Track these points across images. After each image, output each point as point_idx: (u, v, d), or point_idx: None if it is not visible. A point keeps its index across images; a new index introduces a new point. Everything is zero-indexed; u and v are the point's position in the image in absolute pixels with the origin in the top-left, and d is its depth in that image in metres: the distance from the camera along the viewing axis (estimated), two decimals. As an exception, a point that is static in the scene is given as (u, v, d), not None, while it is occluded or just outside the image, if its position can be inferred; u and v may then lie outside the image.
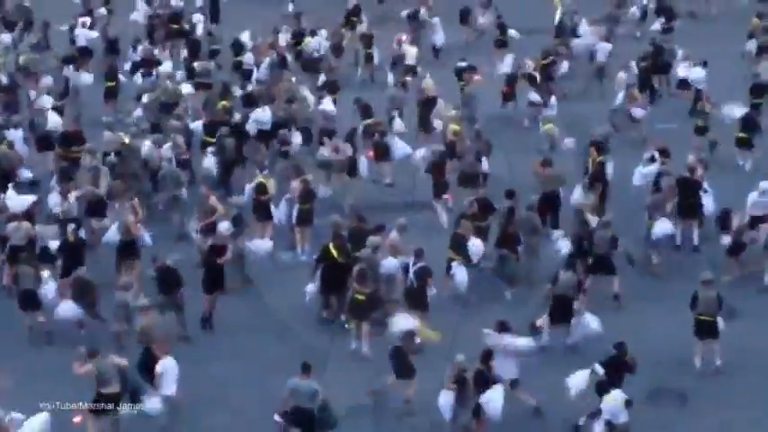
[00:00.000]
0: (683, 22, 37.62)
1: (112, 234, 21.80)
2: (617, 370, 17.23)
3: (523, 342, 17.86)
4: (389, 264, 20.37)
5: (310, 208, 23.18)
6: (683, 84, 31.13)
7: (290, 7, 38.36)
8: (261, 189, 23.39)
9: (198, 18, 37.21)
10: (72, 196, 22.81)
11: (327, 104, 28.45)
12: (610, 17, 36.93)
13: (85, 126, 27.34)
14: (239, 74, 32.54)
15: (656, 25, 36.54)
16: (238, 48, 33.64)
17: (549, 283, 20.21)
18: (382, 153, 26.37)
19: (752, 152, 27.09)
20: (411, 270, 20.05)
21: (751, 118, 27.38)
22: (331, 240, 20.77)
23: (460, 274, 21.11)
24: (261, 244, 22.13)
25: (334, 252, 20.54)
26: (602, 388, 17.02)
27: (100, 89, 30.59)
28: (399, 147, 26.39)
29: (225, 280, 20.63)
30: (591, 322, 19.42)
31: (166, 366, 17.24)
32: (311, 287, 20.69)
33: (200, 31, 36.33)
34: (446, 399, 17.05)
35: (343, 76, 32.48)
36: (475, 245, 21.45)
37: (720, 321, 19.07)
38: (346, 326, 20.18)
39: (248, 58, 33.17)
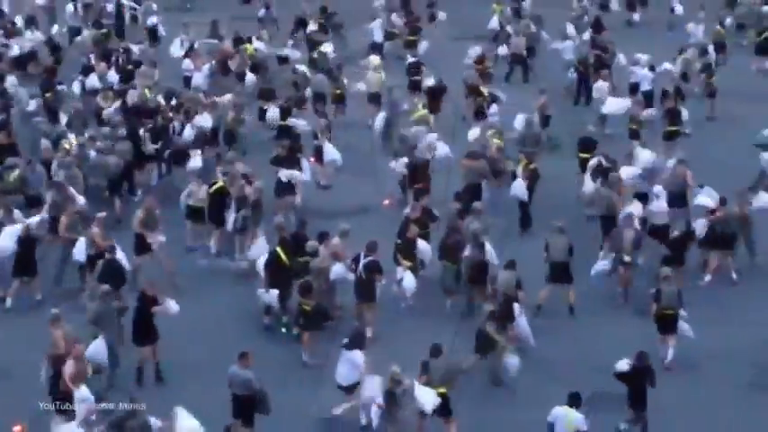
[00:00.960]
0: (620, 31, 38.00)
1: (80, 250, 21.35)
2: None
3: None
4: (336, 270, 20.48)
5: (255, 212, 23.07)
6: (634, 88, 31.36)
7: (261, 12, 38.27)
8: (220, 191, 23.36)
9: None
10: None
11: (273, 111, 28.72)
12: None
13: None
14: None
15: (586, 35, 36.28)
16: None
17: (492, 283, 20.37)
18: (318, 157, 26.64)
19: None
20: (361, 263, 20.21)
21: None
22: (278, 244, 20.77)
23: (408, 280, 21.11)
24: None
25: (282, 255, 20.55)
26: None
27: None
28: (329, 152, 26.47)
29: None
30: None
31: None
32: (262, 291, 20.64)
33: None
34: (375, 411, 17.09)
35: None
36: (424, 247, 21.54)
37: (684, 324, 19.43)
38: (293, 331, 20.18)
39: (186, 64, 33.00)
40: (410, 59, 33.32)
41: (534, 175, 24.69)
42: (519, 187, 24.24)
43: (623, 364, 17.25)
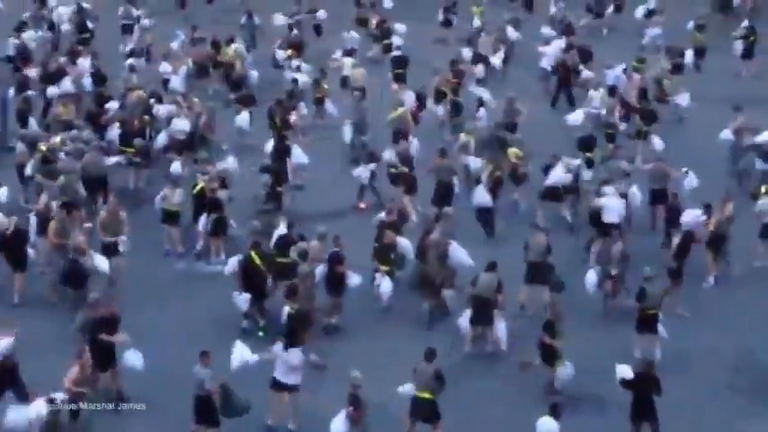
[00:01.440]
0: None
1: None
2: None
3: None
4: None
5: (222, 217, 23.05)
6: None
7: (243, 19, 37.97)
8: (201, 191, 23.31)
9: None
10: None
11: (243, 118, 28.72)
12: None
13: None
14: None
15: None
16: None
17: (469, 285, 20.17)
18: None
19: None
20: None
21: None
22: (251, 247, 20.69)
23: (385, 285, 21.06)
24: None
25: (256, 259, 20.44)
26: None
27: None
28: (297, 154, 26.32)
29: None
30: None
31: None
32: (237, 294, 20.50)
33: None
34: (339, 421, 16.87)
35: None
36: (405, 244, 21.55)
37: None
38: (260, 333, 20.16)
39: (164, 67, 32.95)
40: (395, 53, 33.51)
41: (499, 181, 24.72)
42: (481, 194, 24.06)
43: (626, 370, 17.13)
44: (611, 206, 22.83)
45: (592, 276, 21.22)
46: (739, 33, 36.33)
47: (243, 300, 20.26)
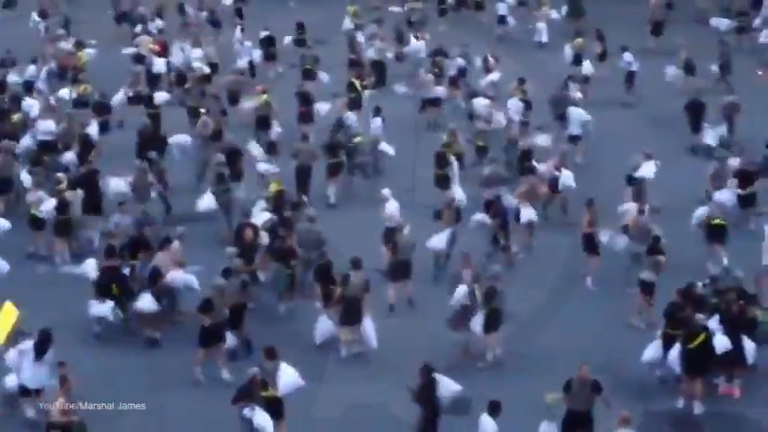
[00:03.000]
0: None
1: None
2: None
3: None
4: (175, 277, 20.34)
5: (68, 218, 22.88)
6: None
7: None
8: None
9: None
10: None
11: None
12: None
13: None
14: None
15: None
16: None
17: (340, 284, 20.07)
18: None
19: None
20: None
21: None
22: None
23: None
24: None
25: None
26: None
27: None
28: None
29: None
30: None
31: None
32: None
33: None
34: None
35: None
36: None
37: None
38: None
39: (32, 69, 32.79)
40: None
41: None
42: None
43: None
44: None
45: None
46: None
47: (105, 308, 20.01)
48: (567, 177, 25.06)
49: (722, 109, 29.62)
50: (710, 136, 28.49)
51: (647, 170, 24.99)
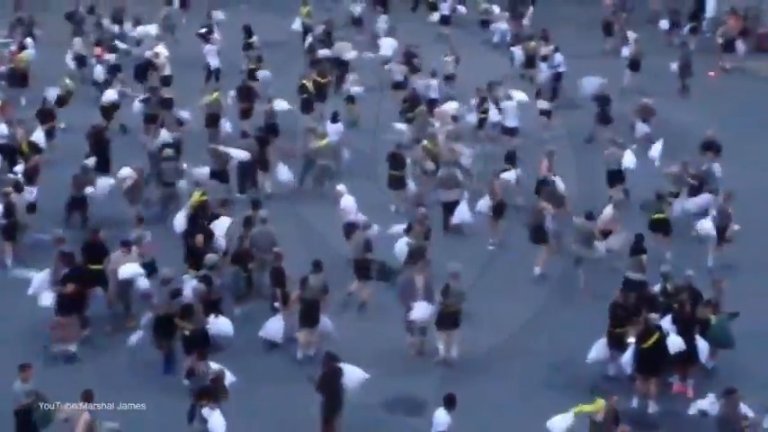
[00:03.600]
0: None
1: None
2: None
3: None
4: (127, 270, 20.32)
5: (15, 222, 22.72)
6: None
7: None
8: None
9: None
10: None
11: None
12: None
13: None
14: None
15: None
16: None
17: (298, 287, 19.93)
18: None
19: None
20: None
21: None
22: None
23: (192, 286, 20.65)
24: None
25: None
26: None
27: None
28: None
29: None
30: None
31: None
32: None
33: None
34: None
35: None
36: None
37: None
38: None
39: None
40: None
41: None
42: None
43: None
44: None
45: None
46: None
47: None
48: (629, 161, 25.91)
49: (637, 111, 29.96)
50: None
51: (629, 160, 25.76)
